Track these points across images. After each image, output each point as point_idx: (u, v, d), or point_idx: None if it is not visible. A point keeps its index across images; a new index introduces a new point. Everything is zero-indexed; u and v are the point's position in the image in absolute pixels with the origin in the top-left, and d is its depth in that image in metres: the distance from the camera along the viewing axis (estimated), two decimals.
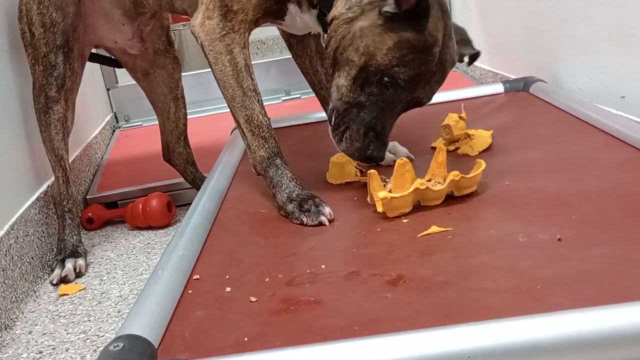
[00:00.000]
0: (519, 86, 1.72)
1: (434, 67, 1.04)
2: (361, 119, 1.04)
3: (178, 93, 1.68)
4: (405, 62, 1.01)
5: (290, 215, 1.05)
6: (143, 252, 1.53)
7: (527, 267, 0.79)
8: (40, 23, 1.44)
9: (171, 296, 0.82)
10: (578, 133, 1.29)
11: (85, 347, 1.14)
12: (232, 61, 1.11)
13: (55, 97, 1.46)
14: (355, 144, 1.05)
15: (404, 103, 1.06)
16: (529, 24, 1.87)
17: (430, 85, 1.06)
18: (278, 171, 1.10)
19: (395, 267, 0.83)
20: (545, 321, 0.64)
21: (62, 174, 1.50)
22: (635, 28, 1.34)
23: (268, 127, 1.12)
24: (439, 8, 1.04)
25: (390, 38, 1.01)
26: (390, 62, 1.01)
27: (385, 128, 1.06)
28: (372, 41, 1.01)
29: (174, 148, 1.72)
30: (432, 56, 1.02)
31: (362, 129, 1.04)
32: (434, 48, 1.02)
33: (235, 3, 1.09)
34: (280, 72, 2.54)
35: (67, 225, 1.50)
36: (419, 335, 0.65)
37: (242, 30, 1.11)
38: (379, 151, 1.05)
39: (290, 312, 0.77)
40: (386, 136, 1.07)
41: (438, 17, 1.03)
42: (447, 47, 1.06)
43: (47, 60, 1.44)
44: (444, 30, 1.04)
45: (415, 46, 1.01)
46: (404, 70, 1.01)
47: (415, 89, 1.04)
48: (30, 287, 1.39)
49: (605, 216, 0.90)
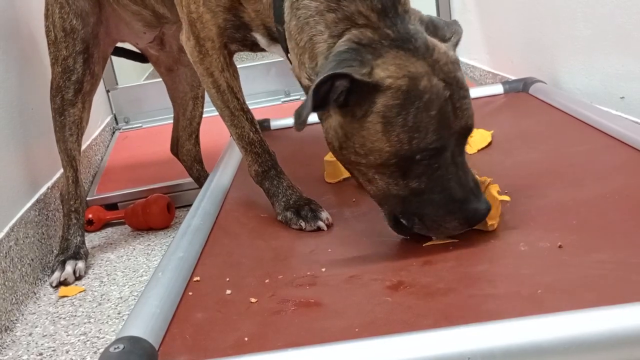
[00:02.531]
0: (519, 87, 1.72)
1: (443, 92, 0.84)
2: (430, 202, 0.86)
3: (199, 92, 1.68)
4: (413, 128, 0.83)
5: (289, 222, 1.05)
6: (143, 254, 1.53)
7: (527, 274, 0.79)
8: (61, 27, 1.44)
9: (171, 298, 0.82)
10: (577, 134, 1.29)
11: (85, 349, 1.14)
12: (214, 83, 1.11)
13: (71, 101, 1.46)
14: (450, 227, 0.88)
15: (455, 145, 0.87)
16: (529, 25, 1.87)
17: (459, 107, 0.86)
18: (274, 182, 1.10)
19: (396, 274, 0.83)
20: (545, 322, 0.64)
21: (73, 174, 1.50)
22: (635, 29, 1.34)
23: (260, 143, 1.12)
24: (391, 44, 0.85)
25: (373, 123, 0.84)
26: (401, 142, 0.83)
27: (465, 184, 0.86)
28: (361, 138, 0.85)
29: (183, 144, 1.73)
30: (427, 92, 0.83)
31: (442, 212, 0.86)
32: (419, 85, 0.83)
33: (200, 31, 1.08)
34: (280, 74, 2.54)
35: (72, 225, 1.50)
36: (418, 336, 0.65)
37: (216, 55, 1.09)
38: (480, 209, 0.86)
39: (291, 313, 0.78)
40: (473, 187, 0.87)
41: (395, 55, 0.84)
42: (436, 63, 0.85)
43: (66, 64, 1.44)
44: (415, 54, 0.85)
45: (400, 105, 0.83)
46: (420, 135, 0.83)
47: (450, 124, 0.85)
48: (30, 288, 1.39)
49: (605, 220, 0.90)
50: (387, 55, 0.84)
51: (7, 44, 1.54)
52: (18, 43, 1.56)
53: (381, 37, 0.86)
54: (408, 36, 0.86)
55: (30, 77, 1.65)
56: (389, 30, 0.86)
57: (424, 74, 0.84)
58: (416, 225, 0.89)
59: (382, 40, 0.85)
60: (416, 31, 0.87)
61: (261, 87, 2.53)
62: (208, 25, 1.07)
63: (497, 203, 0.92)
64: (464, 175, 0.87)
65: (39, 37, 1.71)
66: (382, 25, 0.86)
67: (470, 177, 0.87)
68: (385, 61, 0.84)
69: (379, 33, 0.86)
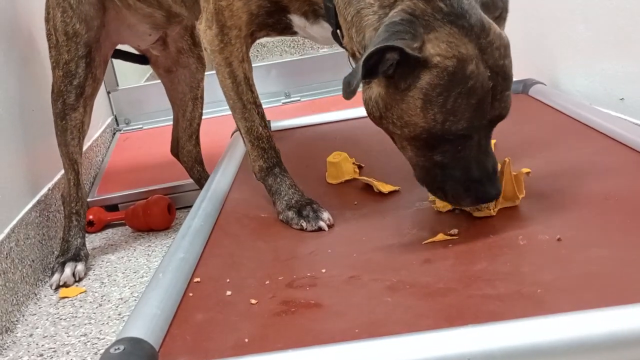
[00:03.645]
0: (518, 88, 1.72)
1: (487, 83, 0.84)
2: (451, 176, 0.90)
3: (198, 93, 1.68)
4: (450, 111, 0.84)
5: (290, 221, 1.05)
6: (144, 255, 1.53)
7: (527, 271, 0.79)
8: (63, 31, 1.42)
9: (172, 299, 0.83)
10: (577, 135, 1.29)
11: (85, 350, 1.14)
12: (231, 74, 1.10)
13: (73, 105, 1.45)
14: (464, 201, 0.92)
15: (485, 128, 0.89)
16: (528, 26, 1.87)
17: (499, 99, 0.87)
18: (277, 179, 1.10)
19: (395, 273, 0.83)
20: (545, 323, 0.64)
21: (74, 177, 1.50)
22: (634, 30, 1.34)
23: (267, 139, 1.12)
24: (444, 19, 0.84)
25: (414, 98, 0.85)
26: (436, 121, 0.85)
27: (484, 167, 0.90)
28: (400, 111, 0.87)
29: (183, 145, 1.73)
30: (472, 79, 0.83)
31: (459, 187, 0.90)
32: (466, 70, 0.83)
33: (228, 19, 1.07)
34: (280, 75, 2.55)
35: (73, 227, 1.50)
36: (419, 337, 0.65)
37: (239, 44, 1.09)
38: (491, 193, 0.90)
39: (291, 314, 0.78)
40: (490, 172, 0.90)
41: (449, 32, 0.83)
42: (488, 46, 0.84)
43: (67, 68, 1.43)
44: (468, 33, 0.84)
45: (443, 85, 0.83)
46: (455, 119, 0.84)
47: (484, 114, 0.86)
48: (31, 289, 1.39)
49: (605, 220, 0.90)
50: (440, 30, 0.83)
51: (8, 45, 1.54)
52: (18, 44, 1.56)
53: (434, 9, 0.84)
54: (462, 11, 0.84)
55: (30, 78, 1.65)
56: (442, 4, 0.84)
57: (473, 57, 0.84)
58: (437, 193, 0.94)
59: (435, 14, 0.84)
60: (470, 6, 0.85)
61: (261, 88, 2.50)
62: (238, 13, 1.05)
63: (519, 179, 0.97)
64: (484, 158, 0.90)
65: (40, 39, 1.72)
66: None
67: (490, 161, 0.91)
68: (438, 37, 0.83)
69: (432, 5, 0.84)
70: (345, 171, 1.22)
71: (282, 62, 2.61)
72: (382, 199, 1.10)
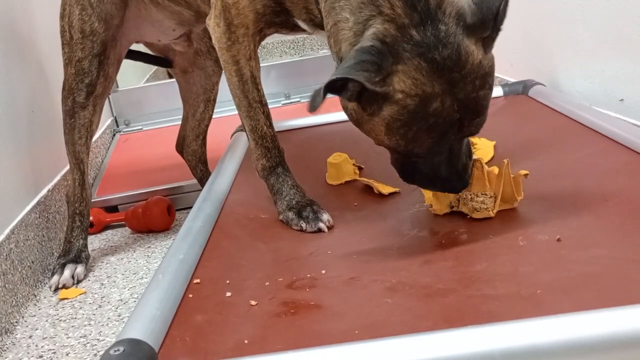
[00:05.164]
0: (518, 90, 1.72)
1: (453, 116, 0.84)
2: (420, 172, 0.93)
3: (211, 96, 1.68)
4: (411, 140, 0.85)
5: (290, 222, 1.05)
6: (143, 256, 1.53)
7: (527, 272, 0.79)
8: (79, 29, 1.40)
9: (172, 300, 0.83)
10: (577, 136, 1.29)
11: (85, 351, 1.14)
12: (238, 72, 1.10)
13: (83, 103, 1.44)
14: (433, 187, 0.96)
15: (455, 141, 0.89)
16: (528, 27, 1.87)
17: (467, 126, 0.87)
18: (279, 179, 1.10)
19: (395, 274, 0.83)
20: (545, 324, 0.64)
21: (79, 177, 1.49)
22: (634, 31, 1.34)
23: (272, 138, 1.12)
24: (413, 50, 0.81)
25: (377, 124, 0.86)
26: (398, 144, 0.87)
27: (452, 167, 0.91)
28: (369, 127, 0.88)
29: (189, 144, 1.73)
30: (434, 116, 0.82)
31: (428, 182, 0.94)
32: (429, 108, 0.82)
33: (235, 17, 1.07)
34: (281, 76, 2.55)
35: (76, 227, 1.50)
36: (418, 338, 0.65)
37: (246, 42, 1.09)
38: (457, 187, 0.93)
39: (291, 315, 0.78)
40: (460, 170, 0.92)
41: (416, 66, 0.81)
42: (461, 79, 0.82)
43: (80, 66, 1.42)
44: (439, 67, 0.81)
45: (403, 121, 0.83)
46: (415, 145, 0.86)
47: (448, 142, 0.87)
48: (30, 291, 1.39)
49: (605, 221, 0.90)
50: (409, 63, 0.81)
51: (8, 46, 1.54)
52: (18, 45, 1.56)
53: (405, 39, 0.81)
54: (436, 41, 0.81)
55: (31, 79, 1.65)
56: (414, 31, 0.81)
57: (438, 95, 0.82)
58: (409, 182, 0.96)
59: (405, 44, 0.81)
60: (447, 34, 0.81)
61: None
62: (244, 11, 1.06)
63: (518, 181, 0.97)
64: (454, 159, 0.91)
65: (40, 39, 1.72)
66: (408, 21, 0.81)
67: (460, 162, 0.91)
68: (405, 70, 0.81)
69: (403, 32, 0.81)
70: (345, 172, 1.22)
71: (282, 63, 2.61)
72: (382, 201, 1.10)
